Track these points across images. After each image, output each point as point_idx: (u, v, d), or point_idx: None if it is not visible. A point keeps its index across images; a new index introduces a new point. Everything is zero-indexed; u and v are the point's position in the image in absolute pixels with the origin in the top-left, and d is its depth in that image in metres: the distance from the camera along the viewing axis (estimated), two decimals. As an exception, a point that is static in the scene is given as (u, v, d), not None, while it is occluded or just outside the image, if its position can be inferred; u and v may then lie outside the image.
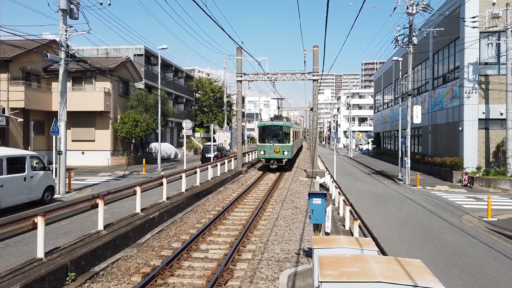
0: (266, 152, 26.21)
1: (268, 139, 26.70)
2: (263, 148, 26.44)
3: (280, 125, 27.10)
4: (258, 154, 26.87)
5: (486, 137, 24.51)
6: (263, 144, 26.55)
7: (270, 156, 26.25)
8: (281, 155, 26.09)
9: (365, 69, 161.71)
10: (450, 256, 10.12)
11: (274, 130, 26.89)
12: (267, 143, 26.33)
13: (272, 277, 7.71)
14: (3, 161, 12.19)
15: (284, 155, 26.10)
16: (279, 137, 26.64)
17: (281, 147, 26.01)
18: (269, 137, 26.77)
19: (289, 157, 26.44)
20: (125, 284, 7.38)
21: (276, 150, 25.86)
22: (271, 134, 26.83)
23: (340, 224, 12.20)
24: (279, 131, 26.83)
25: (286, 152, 26.04)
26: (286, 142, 26.41)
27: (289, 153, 26.15)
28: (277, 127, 26.97)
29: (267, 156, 26.36)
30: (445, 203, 17.91)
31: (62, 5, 15.85)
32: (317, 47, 26.65)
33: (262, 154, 26.48)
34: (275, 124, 27.29)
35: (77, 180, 20.50)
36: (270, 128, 27.07)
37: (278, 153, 25.84)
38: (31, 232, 7.68)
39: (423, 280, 3.98)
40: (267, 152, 26.16)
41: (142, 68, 36.33)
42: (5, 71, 23.99)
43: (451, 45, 27.21)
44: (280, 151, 25.89)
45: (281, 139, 26.58)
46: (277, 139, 26.52)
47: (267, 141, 26.51)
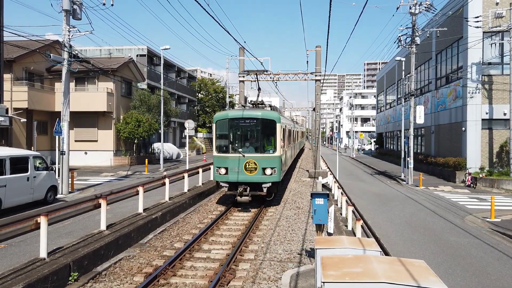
0: (229, 171, 13.94)
1: (234, 145, 14.62)
2: (223, 163, 14.10)
3: (257, 117, 14.35)
4: (215, 174, 14.46)
5: (490, 137, 24.42)
6: (224, 156, 14.25)
7: (237, 178, 13.87)
8: (259, 175, 13.80)
9: (368, 69, 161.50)
10: (453, 256, 10.09)
11: (246, 127, 14.66)
12: (232, 153, 14.15)
13: (274, 278, 7.70)
14: (6, 161, 12.23)
15: (266, 175, 13.82)
16: (255, 140, 14.59)
17: (259, 160, 13.81)
18: (236, 141, 14.79)
19: (274, 179, 14.01)
20: (127, 284, 7.38)
21: (249, 166, 13.74)
22: (240, 134, 14.94)
23: (342, 224, 12.18)
24: (256, 128, 14.50)
25: (270, 171, 13.80)
26: (270, 149, 14.31)
27: (275, 171, 13.90)
28: (252, 121, 14.42)
29: (232, 179, 13.93)
30: (448, 204, 17.85)
31: (65, 5, 15.89)
32: (320, 47, 26.62)
33: (223, 173, 14.06)
34: (248, 116, 14.42)
35: (80, 180, 20.55)
36: (237, 123, 14.58)
37: (253, 172, 13.72)
38: (34, 232, 7.70)
39: (426, 281, 3.96)
40: (231, 171, 13.91)
41: (145, 68, 36.40)
42: (8, 72, 24.07)
43: (454, 45, 27.13)
44: (256, 169, 13.73)
45: (260, 145, 14.40)
46: (251, 144, 14.48)
47: (231, 149, 14.36)
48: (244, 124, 14.44)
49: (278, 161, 14.06)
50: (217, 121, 14.57)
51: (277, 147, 14.11)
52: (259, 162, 13.70)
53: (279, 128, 14.23)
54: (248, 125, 14.45)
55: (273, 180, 13.95)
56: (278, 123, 14.21)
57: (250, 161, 13.70)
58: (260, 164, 13.69)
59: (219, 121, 14.55)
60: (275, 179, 14.01)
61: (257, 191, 13.97)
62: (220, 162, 14.14)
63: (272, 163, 13.89)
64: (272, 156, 14.01)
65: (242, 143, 14.61)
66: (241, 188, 13.63)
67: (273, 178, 13.90)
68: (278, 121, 14.27)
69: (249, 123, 14.39)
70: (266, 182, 13.86)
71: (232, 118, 14.38)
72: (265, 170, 13.74)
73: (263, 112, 14.56)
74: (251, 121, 14.35)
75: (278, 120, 14.30)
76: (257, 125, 14.31)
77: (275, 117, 14.40)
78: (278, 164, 14.02)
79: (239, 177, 13.76)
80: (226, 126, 14.41)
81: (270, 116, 14.43)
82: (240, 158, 13.77)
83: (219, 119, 14.55)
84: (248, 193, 13.68)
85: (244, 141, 14.67)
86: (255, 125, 14.35)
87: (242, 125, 14.50)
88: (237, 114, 14.47)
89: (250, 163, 13.69)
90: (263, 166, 13.72)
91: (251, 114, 14.37)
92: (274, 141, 14.32)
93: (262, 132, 14.43)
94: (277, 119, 14.29)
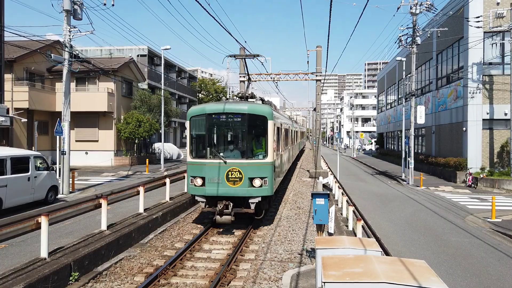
0: (207, 181, 11.08)
1: (213, 148, 11.67)
2: (199, 172, 11.26)
3: (242, 112, 11.44)
4: (189, 185, 11.54)
5: (490, 138, 24.40)
6: (200, 162, 11.40)
7: (216, 191, 10.98)
8: (245, 188, 10.94)
9: (369, 69, 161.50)
10: (454, 256, 10.08)
11: (229, 125, 11.87)
12: (210, 159, 11.29)
13: (275, 278, 7.70)
14: (7, 161, 12.24)
15: (254, 187, 11.01)
16: (240, 142, 11.87)
17: (245, 168, 10.97)
18: (216, 144, 11.93)
19: (265, 193, 11.10)
20: (128, 284, 7.39)
21: (232, 175, 10.93)
22: (220, 135, 12.11)
23: (343, 224, 12.18)
24: (242, 127, 11.63)
25: (259, 181, 11.01)
26: (259, 154, 11.50)
27: (266, 182, 11.07)
28: (237, 117, 11.52)
29: (210, 192, 11.03)
30: (448, 204, 17.84)
31: (66, 5, 15.91)
32: (320, 47, 26.62)
33: (198, 185, 11.24)
34: (230, 110, 11.54)
35: (81, 180, 20.56)
36: (217, 120, 11.66)
37: (238, 184, 10.92)
38: (34, 232, 7.71)
39: (427, 281, 3.96)
40: (209, 181, 11.05)
41: (146, 68, 36.42)
42: (9, 72, 24.09)
43: (455, 45, 27.11)
44: (241, 179, 10.91)
45: (246, 149, 11.47)
46: (235, 147, 11.71)
47: (210, 154, 11.46)
48: (226, 122, 11.53)
49: (269, 169, 11.12)
50: (192, 117, 11.55)
51: (269, 150, 11.19)
52: (245, 171, 10.79)
53: (271, 126, 11.31)
54: (231, 122, 11.54)
55: (264, 193, 10.93)
56: (270, 120, 11.30)
57: (233, 169, 10.80)
58: (246, 173, 10.78)
59: (194, 118, 11.53)
60: (266, 192, 10.98)
61: (242, 208, 10.98)
62: (195, 170, 11.23)
63: (262, 172, 10.97)
64: (262, 163, 11.09)
65: (223, 146, 11.72)
66: (221, 205, 10.64)
67: (263, 191, 10.90)
68: (270, 117, 11.32)
69: (233, 120, 11.45)
70: (254, 196, 10.86)
71: (211, 114, 11.35)
72: (253, 180, 10.84)
73: (250, 106, 11.45)
74: (235, 118, 11.37)
75: (270, 116, 11.33)
76: (242, 122, 11.33)
77: (266, 112, 11.38)
78: (270, 173, 11.08)
79: (220, 189, 10.80)
80: (203, 124, 11.39)
81: (260, 111, 11.39)
82: (220, 165, 10.84)
83: (194, 115, 11.53)
84: (230, 211, 10.72)
85: (226, 144, 11.80)
86: (240, 122, 11.36)
87: (224, 122, 11.55)
88: (216, 108, 11.44)
89: (233, 171, 10.80)
90: (251, 175, 10.83)
91: (234, 109, 11.38)
92: (265, 143, 11.39)
93: (250, 131, 11.49)
94: (269, 115, 11.33)
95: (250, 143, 11.53)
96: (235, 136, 11.93)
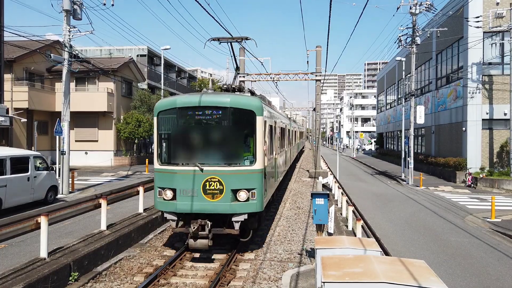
0: (178, 194, 8.79)
1: (187, 152, 9.33)
2: (169, 182, 8.96)
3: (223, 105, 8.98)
4: (156, 199, 9.15)
5: (490, 138, 24.41)
6: (170, 170, 9.04)
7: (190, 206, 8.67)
8: (227, 202, 8.66)
9: (368, 69, 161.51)
10: (454, 256, 10.08)
11: (206, 123, 9.31)
12: (183, 166, 8.99)
13: (274, 277, 7.70)
14: (7, 161, 12.24)
15: (238, 202, 8.74)
16: (220, 144, 9.32)
17: (227, 177, 8.72)
18: (190, 146, 9.34)
19: (252, 209, 8.82)
20: (128, 284, 7.39)
21: (210, 186, 8.68)
22: (196, 135, 9.37)
23: (343, 224, 12.18)
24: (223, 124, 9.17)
25: (245, 194, 8.75)
26: (246, 159, 9.19)
27: (253, 194, 8.81)
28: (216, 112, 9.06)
29: (183, 208, 8.74)
30: (448, 204, 17.85)
31: (66, 5, 15.90)
32: (320, 47, 26.63)
33: (168, 198, 8.94)
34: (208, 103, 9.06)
35: (80, 180, 20.55)
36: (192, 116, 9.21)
37: (218, 197, 8.66)
38: (34, 232, 7.71)
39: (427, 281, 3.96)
40: (181, 194, 8.76)
41: (145, 68, 36.42)
42: (9, 72, 24.07)
43: (454, 45, 27.12)
44: (222, 191, 8.66)
45: (229, 152, 9.34)
46: (214, 151, 9.31)
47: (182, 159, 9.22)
48: (203, 118, 9.01)
49: (259, 177, 8.84)
50: (160, 113, 9.16)
51: (258, 154, 8.87)
52: (228, 181, 8.52)
53: (261, 123, 8.98)
54: (209, 119, 9.03)
55: (251, 209, 8.63)
56: (260, 115, 8.98)
57: (212, 178, 8.52)
58: (228, 184, 8.51)
59: (163, 113, 9.16)
60: (254, 207, 8.67)
61: (223, 229, 8.73)
62: (164, 180, 8.88)
63: (249, 182, 8.67)
64: (249, 170, 8.76)
65: (199, 149, 9.08)
66: (195, 225, 8.25)
67: (250, 206, 8.61)
68: (260, 112, 9.00)
69: (211, 116, 8.98)
70: (238, 213, 8.58)
71: (183, 108, 8.94)
72: (237, 193, 8.59)
73: (234, 98, 9.05)
74: (214, 113, 8.92)
75: (259, 111, 9.00)
76: (224, 118, 8.88)
77: (254, 106, 9.02)
78: (259, 183, 8.81)
79: (194, 205, 8.49)
80: (174, 121, 9.07)
81: (246, 104, 9.01)
82: (196, 174, 8.55)
83: (162, 110, 9.15)
84: (207, 234, 8.31)
85: (203, 146, 9.13)
86: (221, 118, 8.91)
87: (200, 119, 9.01)
88: (190, 101, 9.03)
89: (212, 182, 8.52)
90: (234, 186, 8.57)
91: (213, 101, 8.94)
92: (253, 145, 9.02)
93: (233, 130, 9.10)
94: (258, 110, 8.99)
95: (234, 145, 9.25)
96: (214, 137, 9.19)
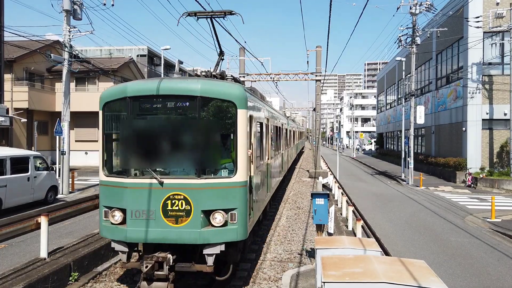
0: (129, 217, 6.24)
1: (142, 157, 6.61)
2: (117, 199, 6.43)
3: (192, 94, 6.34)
4: (102, 222, 6.55)
5: (490, 138, 24.42)
6: (118, 183, 6.48)
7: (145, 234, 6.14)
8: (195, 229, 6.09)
9: (368, 69, 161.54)
10: (454, 256, 10.08)
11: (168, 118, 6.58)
12: (135, 178, 6.44)
13: (274, 278, 7.70)
14: (7, 161, 12.24)
15: (212, 227, 6.20)
16: (187, 146, 6.50)
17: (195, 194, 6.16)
18: (146, 150, 6.62)
19: (232, 237, 6.27)
20: (127, 284, 7.39)
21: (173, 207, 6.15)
22: (154, 134, 6.64)
23: (343, 224, 12.18)
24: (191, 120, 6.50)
25: (221, 216, 6.19)
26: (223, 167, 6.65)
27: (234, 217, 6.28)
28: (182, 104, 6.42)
29: (135, 236, 6.19)
30: (448, 204, 17.85)
31: (66, 6, 15.91)
32: (320, 48, 26.64)
33: (116, 222, 6.35)
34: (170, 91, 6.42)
35: (81, 180, 20.56)
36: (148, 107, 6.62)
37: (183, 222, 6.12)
38: (34, 232, 7.71)
39: (427, 281, 3.96)
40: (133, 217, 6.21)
41: (145, 68, 36.41)
42: (9, 72, 24.08)
43: (454, 45, 27.13)
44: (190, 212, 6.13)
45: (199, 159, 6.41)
46: (179, 157, 6.63)
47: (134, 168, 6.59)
48: (164, 111, 6.57)
49: (241, 193, 6.43)
50: (106, 105, 6.94)
51: (239, 161, 6.46)
52: (197, 198, 6.18)
53: (243, 118, 6.56)
54: (172, 112, 6.57)
55: (230, 238, 6.32)
56: (242, 108, 6.55)
57: (175, 194, 6.19)
58: (198, 202, 6.18)
59: (110, 106, 6.92)
60: (235, 235, 6.36)
61: (192, 264, 6.38)
62: (110, 197, 6.59)
63: (227, 199, 6.32)
64: (227, 184, 6.37)
65: (158, 155, 6.65)
66: (149, 262, 5.96)
67: (229, 233, 6.31)
68: (242, 104, 6.57)
69: (175, 109, 6.53)
70: (212, 243, 6.22)
71: (136, 98, 6.56)
72: (210, 215, 6.24)
73: (206, 85, 6.54)
74: (178, 104, 6.49)
75: (241, 102, 6.56)
76: (191, 112, 6.49)
77: (235, 95, 6.60)
78: (242, 200, 6.43)
79: (151, 232, 6.20)
80: (124, 116, 6.70)
81: (223, 92, 6.57)
82: (153, 189, 6.25)
83: (108, 101, 6.87)
84: (166, 274, 6.02)
85: (163, 150, 6.67)
86: (189, 112, 6.53)
87: (159, 113, 6.61)
88: (145, 88, 6.62)
89: (175, 199, 6.19)
90: (207, 206, 6.23)
91: (177, 88, 6.52)
92: (234, 148, 6.57)
93: (205, 128, 6.49)
94: (240, 101, 6.55)
95: (206, 149, 6.50)
96: (179, 137, 6.56)
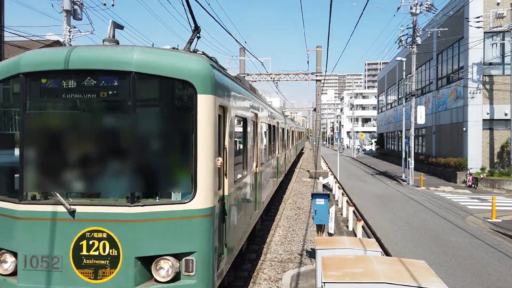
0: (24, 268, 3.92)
1: (45, 170, 4.10)
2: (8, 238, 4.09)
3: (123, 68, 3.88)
4: None
5: (491, 138, 24.40)
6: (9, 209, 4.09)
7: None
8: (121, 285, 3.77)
9: (369, 69, 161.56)
10: (454, 257, 10.07)
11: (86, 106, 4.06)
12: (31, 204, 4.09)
13: (275, 278, 7.69)
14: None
15: (157, 283, 3.92)
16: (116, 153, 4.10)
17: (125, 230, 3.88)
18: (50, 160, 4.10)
19: None
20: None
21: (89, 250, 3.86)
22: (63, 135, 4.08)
23: (343, 224, 12.18)
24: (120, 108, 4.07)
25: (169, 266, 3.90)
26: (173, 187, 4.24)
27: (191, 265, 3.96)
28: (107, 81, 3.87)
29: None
30: (449, 204, 17.84)
31: (66, 6, 15.92)
32: (320, 48, 26.65)
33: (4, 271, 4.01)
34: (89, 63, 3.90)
35: None
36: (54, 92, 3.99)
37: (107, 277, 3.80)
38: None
39: (427, 281, 3.95)
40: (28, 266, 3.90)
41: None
42: (9, 72, 24.05)
43: (455, 45, 27.12)
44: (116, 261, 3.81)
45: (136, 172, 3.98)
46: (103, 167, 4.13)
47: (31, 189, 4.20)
48: (78, 97, 4.12)
49: (203, 227, 4.14)
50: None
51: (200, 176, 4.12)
52: (128, 236, 3.97)
53: (208, 109, 4.16)
54: (90, 100, 4.16)
55: None
56: (204, 93, 4.13)
57: (94, 231, 3.99)
58: (130, 244, 3.97)
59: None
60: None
61: None
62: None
63: (179, 238, 4.07)
64: (180, 213, 4.07)
65: (68, 166, 4.21)
66: None
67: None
68: (206, 87, 4.16)
69: (95, 94, 4.13)
70: None
71: (34, 74, 4.13)
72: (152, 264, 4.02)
73: (144, 54, 4.11)
74: (101, 86, 4.08)
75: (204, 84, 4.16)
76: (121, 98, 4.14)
77: (194, 73, 4.14)
78: (205, 239, 4.14)
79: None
80: (16, 102, 4.38)
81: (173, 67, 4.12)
82: (59, 220, 4.04)
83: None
84: None
85: (76, 159, 4.24)
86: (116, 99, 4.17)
87: (70, 99, 4.12)
88: (50, 59, 4.15)
89: (94, 238, 3.98)
90: (144, 250, 4.00)
91: (99, 59, 4.11)
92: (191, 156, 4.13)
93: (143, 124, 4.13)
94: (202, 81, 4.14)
95: (145, 159, 4.24)
96: (100, 139, 4.30)
